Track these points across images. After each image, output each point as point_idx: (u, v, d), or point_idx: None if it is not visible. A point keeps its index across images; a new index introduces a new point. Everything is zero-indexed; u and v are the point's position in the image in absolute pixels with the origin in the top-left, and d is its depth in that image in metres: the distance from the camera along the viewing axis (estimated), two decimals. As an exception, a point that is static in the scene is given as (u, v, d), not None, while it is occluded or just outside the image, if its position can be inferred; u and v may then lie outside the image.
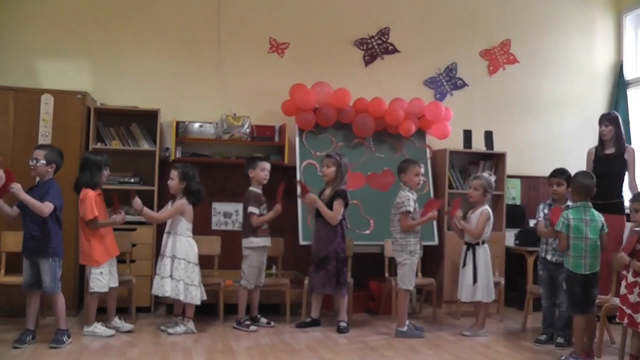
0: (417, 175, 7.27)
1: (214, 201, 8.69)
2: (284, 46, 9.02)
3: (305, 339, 6.94)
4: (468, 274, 7.18)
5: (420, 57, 9.44)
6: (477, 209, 7.28)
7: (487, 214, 7.24)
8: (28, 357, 6.03)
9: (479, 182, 7.33)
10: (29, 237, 6.48)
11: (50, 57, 8.54)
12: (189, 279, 7.05)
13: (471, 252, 7.19)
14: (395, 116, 8.54)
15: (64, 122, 7.81)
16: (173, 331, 7.01)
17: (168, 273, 6.99)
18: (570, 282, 6.17)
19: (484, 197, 7.30)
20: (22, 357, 6.00)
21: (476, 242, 7.19)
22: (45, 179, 6.53)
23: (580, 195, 6.29)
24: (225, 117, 8.43)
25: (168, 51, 8.78)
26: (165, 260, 7.04)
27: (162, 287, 6.97)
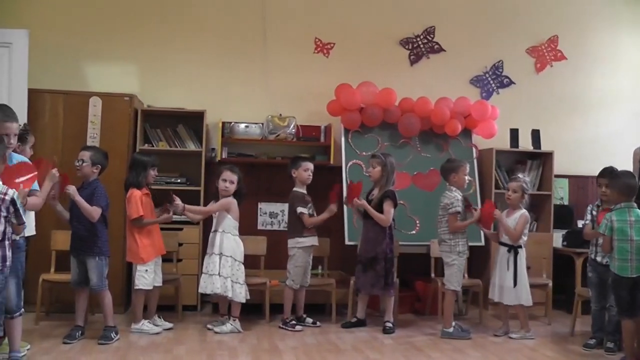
0: (466, 175, 7.27)
1: (260, 201, 8.74)
2: (329, 46, 9.04)
3: (350, 339, 6.94)
4: (509, 276, 7.08)
5: (466, 56, 9.38)
6: (515, 212, 7.19)
7: (526, 217, 7.16)
8: (77, 352, 6.14)
9: (517, 184, 7.23)
10: (76, 236, 6.64)
11: (99, 60, 8.70)
12: (235, 277, 7.12)
13: (512, 255, 7.12)
14: (441, 115, 8.51)
15: (112, 124, 7.94)
16: (219, 330, 7.07)
17: (217, 270, 7.05)
18: (617, 285, 6.06)
19: (521, 199, 7.23)
20: (72, 353, 6.12)
21: (518, 245, 7.12)
22: (90, 180, 6.65)
23: (624, 196, 6.13)
24: (271, 118, 8.47)
25: (214, 53, 8.87)
26: (214, 258, 7.11)
27: (212, 284, 7.02)
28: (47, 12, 8.61)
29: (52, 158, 6.23)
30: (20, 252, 5.57)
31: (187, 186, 8.25)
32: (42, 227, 6.83)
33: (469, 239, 7.60)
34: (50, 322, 7.26)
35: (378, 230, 7.31)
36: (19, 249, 5.52)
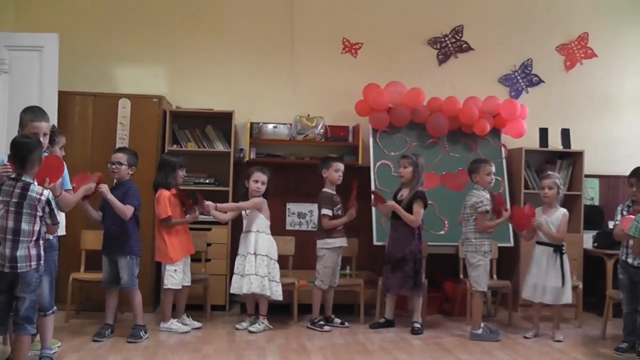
0: (488, 175, 7.23)
1: (289, 202, 8.77)
2: (357, 46, 9.02)
3: (378, 339, 6.95)
4: (555, 276, 7.02)
5: (495, 54, 9.30)
6: (553, 211, 7.15)
7: (567, 215, 7.13)
8: (107, 350, 6.22)
9: (552, 180, 7.19)
10: (108, 235, 6.76)
11: (127, 63, 8.81)
12: (271, 275, 7.21)
13: (558, 254, 7.06)
14: (469, 115, 8.46)
15: (141, 125, 8.02)
16: (255, 329, 7.13)
17: (253, 270, 7.12)
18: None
19: (557, 196, 7.18)
20: (102, 350, 6.20)
21: (561, 245, 7.05)
22: (123, 180, 6.74)
23: None
24: (299, 118, 8.48)
25: (242, 54, 8.90)
26: (250, 258, 7.17)
27: (250, 284, 7.08)
28: (77, 16, 8.72)
29: (99, 175, 6.33)
30: (53, 251, 5.65)
31: (215, 186, 8.31)
32: (72, 227, 6.92)
33: (497, 240, 7.62)
34: (80, 320, 7.37)
35: (407, 231, 7.32)
36: (52, 249, 5.60)
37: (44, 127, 5.53)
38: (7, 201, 4.86)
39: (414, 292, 7.36)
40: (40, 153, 5.04)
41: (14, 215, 4.86)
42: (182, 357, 6.05)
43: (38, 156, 5.01)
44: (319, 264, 7.43)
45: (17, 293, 4.89)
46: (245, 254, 7.21)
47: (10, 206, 4.87)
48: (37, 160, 5.00)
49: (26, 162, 4.94)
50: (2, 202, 4.88)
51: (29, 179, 4.95)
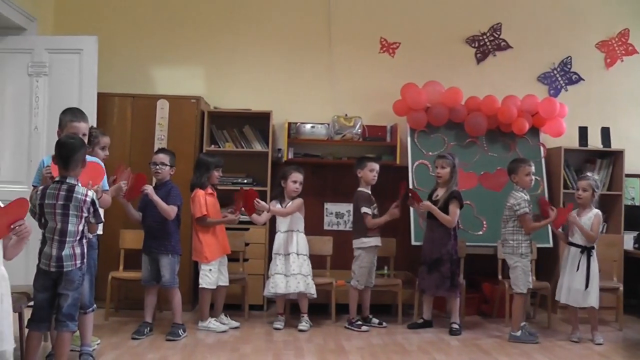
0: (528, 175, 7.18)
1: (326, 202, 8.76)
2: (394, 46, 9.00)
3: (416, 340, 6.94)
4: (580, 278, 6.96)
5: (534, 52, 9.21)
6: (587, 212, 7.08)
7: (601, 217, 7.06)
8: (146, 348, 6.30)
9: (587, 182, 7.12)
10: (150, 235, 6.86)
11: (166, 64, 8.89)
12: (311, 275, 7.30)
13: (585, 256, 7.00)
14: (508, 114, 8.39)
15: (179, 126, 8.09)
16: (305, 327, 7.19)
17: (298, 270, 7.19)
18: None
19: (592, 198, 7.11)
20: (140, 348, 6.28)
21: (591, 246, 7.01)
22: (164, 181, 6.84)
23: None
24: (336, 118, 8.49)
25: (279, 54, 8.93)
26: (292, 257, 7.23)
27: (297, 284, 7.16)
28: (116, 18, 8.83)
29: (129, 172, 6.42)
30: (93, 250, 5.76)
31: (253, 186, 8.28)
32: (111, 227, 7.05)
33: (536, 241, 7.58)
34: (119, 318, 7.45)
35: (443, 231, 7.31)
36: (92, 247, 5.71)
37: (83, 127, 5.63)
38: (53, 204, 4.91)
39: (451, 293, 7.34)
40: (83, 154, 5.08)
41: (61, 217, 4.91)
42: (219, 356, 6.08)
43: (81, 157, 5.05)
44: (355, 263, 7.45)
45: (60, 290, 4.95)
46: (287, 253, 7.25)
47: (57, 208, 4.92)
48: (81, 161, 5.04)
49: (70, 162, 4.97)
50: (48, 205, 4.93)
51: (73, 181, 4.99)
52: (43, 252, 4.95)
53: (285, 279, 7.19)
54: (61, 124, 5.67)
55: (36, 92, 7.79)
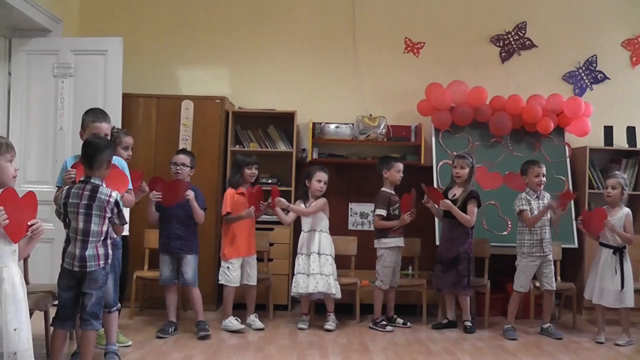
0: (537, 177, 7.24)
1: (351, 202, 8.75)
2: (419, 46, 8.98)
3: (441, 340, 6.95)
4: (616, 279, 6.89)
5: (559, 51, 9.14)
6: (617, 210, 7.03)
7: (631, 215, 7.03)
8: (171, 347, 6.35)
9: (616, 180, 7.09)
10: (174, 236, 6.89)
11: (190, 65, 8.93)
12: (334, 275, 7.31)
13: (618, 256, 6.94)
14: (533, 113, 8.35)
15: (203, 126, 8.13)
16: (331, 327, 7.21)
17: (319, 269, 7.20)
18: None
19: (621, 196, 7.07)
20: (165, 347, 6.33)
21: (623, 246, 6.95)
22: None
23: None
24: (361, 118, 8.48)
25: (304, 54, 8.94)
26: (314, 257, 7.25)
27: (316, 283, 7.17)
28: (141, 20, 8.88)
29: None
30: (117, 250, 5.79)
31: (278, 186, 8.29)
32: (135, 227, 7.08)
33: (560, 241, 7.60)
34: (143, 318, 7.51)
35: (461, 230, 7.34)
36: (116, 247, 5.74)
37: (105, 128, 5.67)
38: (77, 203, 4.95)
39: (466, 292, 7.38)
40: (108, 155, 5.12)
41: (84, 216, 4.94)
42: (244, 356, 6.11)
43: (106, 157, 5.08)
44: (379, 264, 7.47)
45: (83, 289, 4.98)
46: (309, 253, 7.27)
47: (80, 208, 4.95)
48: (106, 161, 5.07)
49: (94, 162, 5.01)
50: (72, 204, 4.96)
51: (98, 181, 5.02)
52: (67, 252, 4.98)
53: (306, 279, 7.21)
54: (83, 124, 5.72)
55: (61, 93, 7.85)
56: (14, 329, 4.02)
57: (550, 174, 8.28)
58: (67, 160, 5.71)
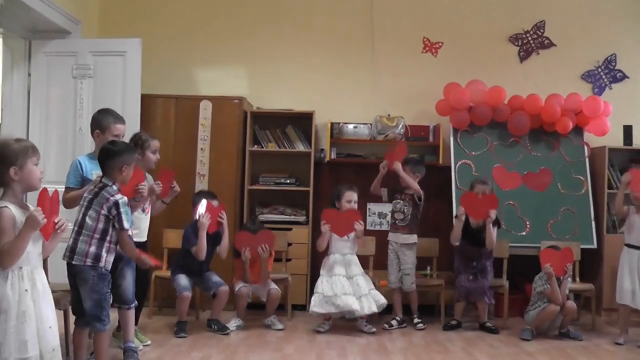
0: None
1: (369, 202, 8.70)
2: (437, 45, 8.95)
3: (459, 340, 6.94)
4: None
5: (578, 50, 9.07)
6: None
7: None
8: (189, 346, 6.40)
9: None
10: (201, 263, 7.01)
11: (208, 65, 8.95)
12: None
13: None
14: (551, 113, 8.31)
15: (222, 127, 8.15)
16: (368, 330, 7.18)
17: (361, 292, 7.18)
18: None
19: None
20: (184, 346, 6.37)
21: None
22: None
23: None
24: (379, 118, 8.47)
25: (322, 54, 8.93)
26: (359, 279, 7.25)
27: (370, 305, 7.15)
28: (159, 21, 8.91)
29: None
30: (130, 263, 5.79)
31: (296, 187, 8.38)
32: (154, 227, 7.04)
33: (579, 242, 7.80)
34: (162, 317, 7.54)
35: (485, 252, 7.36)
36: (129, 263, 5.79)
37: (123, 129, 5.89)
38: (85, 197, 5.07)
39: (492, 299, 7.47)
40: (120, 162, 5.14)
41: (84, 209, 5.02)
42: (262, 356, 6.14)
43: (118, 165, 5.13)
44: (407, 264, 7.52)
45: (79, 289, 5.02)
46: (353, 275, 7.22)
47: (84, 201, 5.05)
48: (117, 168, 5.12)
49: (104, 167, 5.14)
50: (83, 198, 5.09)
51: (108, 182, 5.08)
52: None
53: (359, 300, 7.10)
54: (101, 125, 5.83)
55: (80, 94, 7.89)
56: (49, 326, 4.07)
57: (569, 174, 8.32)
58: (80, 160, 5.81)
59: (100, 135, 5.85)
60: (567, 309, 7.03)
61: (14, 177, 4.03)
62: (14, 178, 4.03)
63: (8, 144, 4.07)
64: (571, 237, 8.05)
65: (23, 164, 4.05)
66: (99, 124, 5.87)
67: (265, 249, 7.12)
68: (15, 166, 4.02)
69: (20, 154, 4.05)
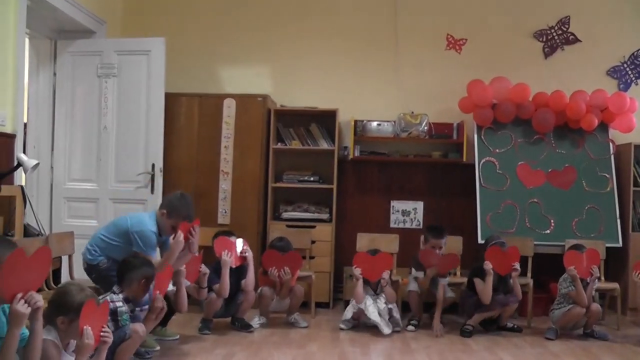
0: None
1: (393, 199, 8.72)
2: (461, 42, 8.90)
3: (483, 340, 6.90)
4: None
5: (603, 45, 8.97)
6: None
7: None
8: (213, 343, 6.44)
9: None
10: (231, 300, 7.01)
11: (232, 63, 8.98)
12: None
13: None
14: (576, 110, 8.24)
15: (246, 124, 8.18)
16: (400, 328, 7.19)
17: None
18: None
19: None
20: (208, 343, 6.43)
21: None
22: None
23: None
24: (403, 115, 8.45)
25: (346, 52, 8.92)
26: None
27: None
28: (183, 19, 8.95)
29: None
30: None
31: (319, 184, 8.40)
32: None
33: (604, 240, 7.72)
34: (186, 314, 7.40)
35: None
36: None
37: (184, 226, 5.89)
38: None
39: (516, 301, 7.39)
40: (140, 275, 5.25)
41: None
42: (286, 353, 6.14)
43: (137, 277, 5.24)
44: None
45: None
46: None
47: None
48: (136, 280, 5.24)
49: (122, 279, 5.29)
50: None
51: (117, 289, 5.25)
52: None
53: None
54: (172, 212, 5.96)
55: (105, 93, 7.95)
56: None
57: (594, 171, 8.26)
58: (153, 230, 5.93)
59: (165, 217, 5.91)
60: (591, 311, 6.97)
61: (60, 326, 3.97)
62: (60, 327, 3.97)
63: (68, 293, 4.03)
64: (596, 236, 8.00)
65: (73, 319, 3.96)
66: (172, 210, 5.95)
67: (287, 272, 7.09)
68: (64, 317, 3.97)
69: (74, 308, 3.97)
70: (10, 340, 3.61)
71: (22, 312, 3.61)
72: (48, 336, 3.86)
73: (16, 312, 3.60)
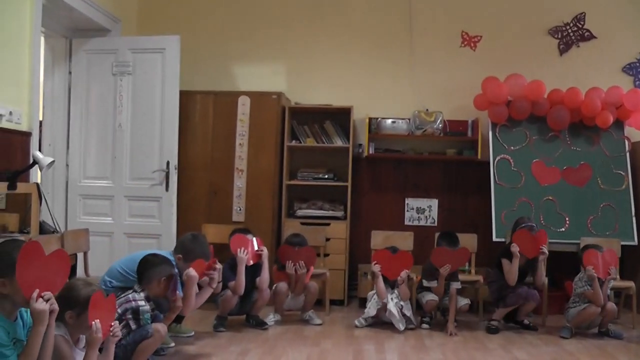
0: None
1: (407, 197, 8.73)
2: (476, 39, 8.89)
3: (498, 338, 6.90)
4: None
5: (618, 42, 8.94)
6: None
7: None
8: (228, 340, 6.47)
9: None
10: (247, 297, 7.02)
11: (247, 61, 8.99)
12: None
13: None
14: (592, 107, 8.21)
15: (260, 122, 8.19)
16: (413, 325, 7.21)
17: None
18: None
19: None
20: (223, 340, 6.46)
21: None
22: None
23: None
24: (417, 113, 8.44)
25: (360, 49, 8.93)
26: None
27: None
28: (197, 17, 8.99)
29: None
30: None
31: (334, 182, 8.40)
32: (193, 221, 7.19)
33: (619, 238, 7.70)
34: (201, 311, 7.23)
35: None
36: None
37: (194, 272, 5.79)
38: None
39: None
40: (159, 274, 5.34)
41: None
42: (300, 350, 6.15)
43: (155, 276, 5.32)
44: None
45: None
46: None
47: None
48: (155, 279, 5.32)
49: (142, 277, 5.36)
50: None
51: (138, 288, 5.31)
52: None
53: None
54: (188, 255, 5.92)
55: (120, 91, 7.96)
56: None
57: (609, 168, 8.23)
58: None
59: (181, 262, 5.89)
60: (607, 310, 6.94)
61: (69, 321, 4.00)
62: (69, 322, 4.00)
63: (75, 287, 4.05)
64: (611, 234, 7.99)
65: (81, 313, 3.99)
66: (187, 253, 5.93)
67: (303, 266, 7.15)
68: (72, 311, 4.00)
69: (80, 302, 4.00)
70: (35, 337, 3.63)
71: (42, 309, 3.60)
72: (58, 332, 3.87)
73: (36, 309, 3.60)
